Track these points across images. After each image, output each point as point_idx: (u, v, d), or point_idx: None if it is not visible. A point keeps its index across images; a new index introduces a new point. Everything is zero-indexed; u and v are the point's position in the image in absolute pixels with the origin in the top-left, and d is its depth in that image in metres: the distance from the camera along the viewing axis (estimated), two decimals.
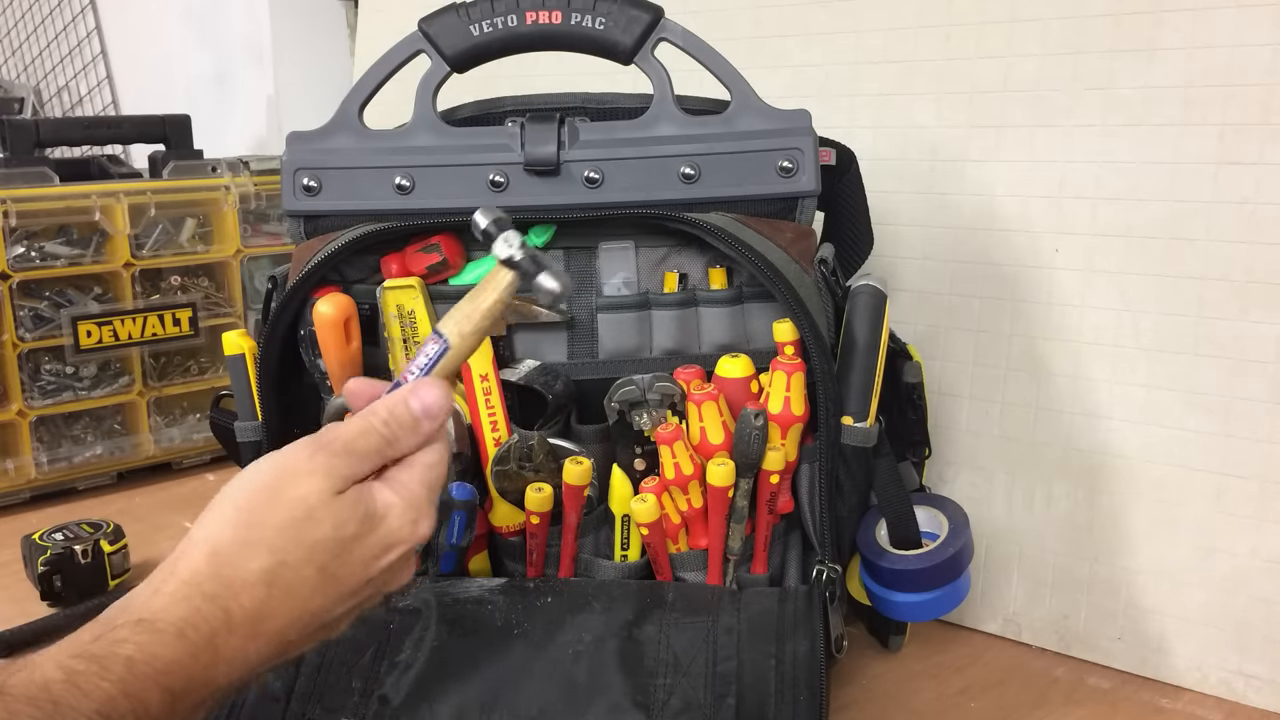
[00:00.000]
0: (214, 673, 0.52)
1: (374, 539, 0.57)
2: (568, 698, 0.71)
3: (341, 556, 0.56)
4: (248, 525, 0.55)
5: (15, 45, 2.48)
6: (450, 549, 0.82)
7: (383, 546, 0.58)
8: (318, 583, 0.55)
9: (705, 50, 0.84)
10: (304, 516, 0.55)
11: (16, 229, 1.25)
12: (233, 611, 0.53)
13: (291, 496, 0.55)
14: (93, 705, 0.48)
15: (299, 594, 0.55)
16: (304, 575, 0.55)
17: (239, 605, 0.53)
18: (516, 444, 0.81)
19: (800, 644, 0.73)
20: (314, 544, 0.55)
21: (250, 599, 0.53)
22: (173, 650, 0.51)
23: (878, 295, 0.83)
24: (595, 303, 0.84)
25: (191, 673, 0.51)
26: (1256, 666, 0.83)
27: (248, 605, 0.53)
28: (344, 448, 0.58)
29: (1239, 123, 0.83)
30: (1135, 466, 0.88)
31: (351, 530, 0.56)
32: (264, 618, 0.54)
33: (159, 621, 0.51)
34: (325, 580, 0.56)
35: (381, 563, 0.58)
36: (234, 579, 0.53)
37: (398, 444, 0.59)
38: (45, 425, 1.30)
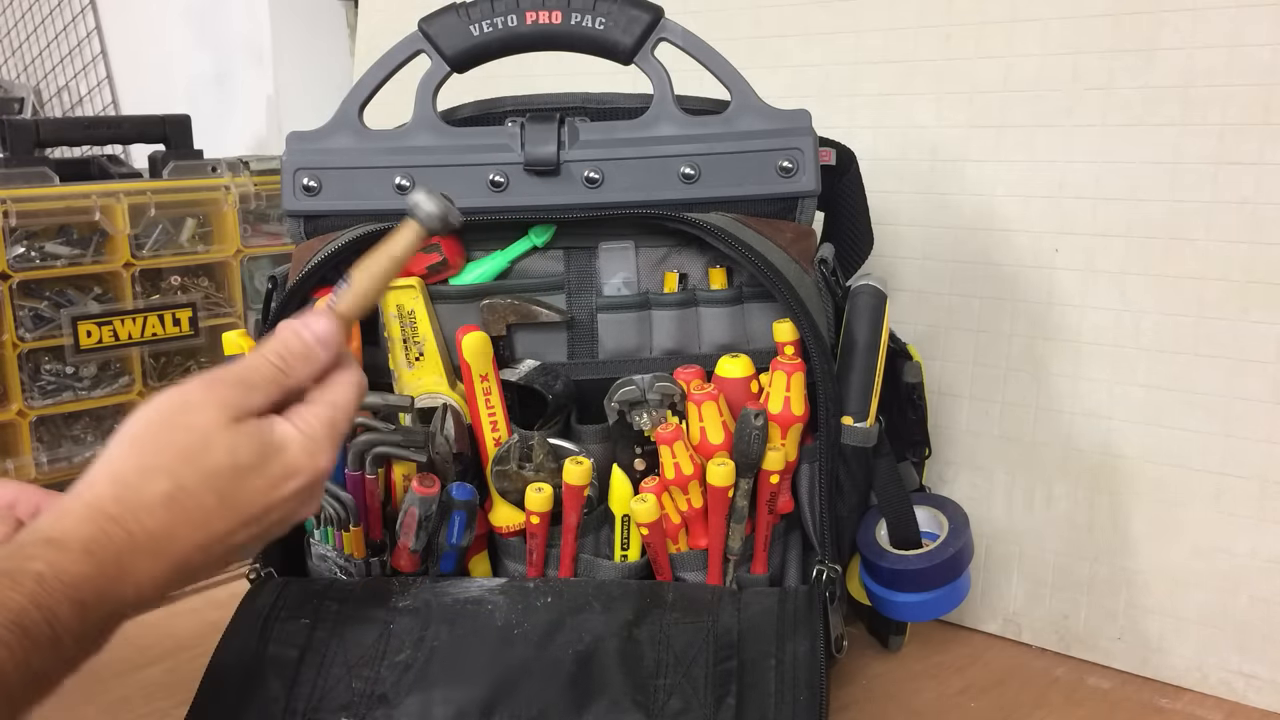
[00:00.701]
0: (121, 589, 0.55)
1: (272, 468, 0.59)
2: (568, 698, 0.71)
3: (239, 484, 0.58)
4: (147, 453, 0.57)
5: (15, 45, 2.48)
6: (450, 549, 0.82)
7: (281, 476, 0.59)
8: (217, 509, 0.57)
9: (705, 50, 0.84)
10: (200, 444, 0.57)
11: (16, 229, 1.25)
12: (135, 533, 0.55)
13: (188, 424, 0.58)
14: (8, 615, 0.50)
15: (198, 518, 0.57)
16: (202, 501, 0.57)
17: (141, 527, 0.55)
18: (516, 444, 0.81)
19: (800, 644, 0.73)
20: (211, 471, 0.57)
21: (152, 521, 0.56)
22: (80, 566, 0.53)
23: (878, 295, 0.83)
24: (595, 303, 0.84)
25: (99, 587, 0.54)
26: (1256, 666, 0.83)
27: (150, 527, 0.55)
28: (237, 379, 0.60)
29: (1239, 123, 0.83)
30: (1135, 466, 0.88)
31: (247, 459, 0.58)
32: (166, 540, 0.56)
33: (67, 540, 0.54)
34: (224, 506, 0.58)
35: (281, 492, 0.59)
36: (136, 502, 0.56)
37: (293, 373, 0.62)
38: (45, 425, 1.30)
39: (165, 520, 0.56)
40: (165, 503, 0.56)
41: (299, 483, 0.60)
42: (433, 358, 0.83)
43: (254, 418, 0.60)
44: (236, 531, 0.58)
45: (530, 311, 0.83)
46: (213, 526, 0.57)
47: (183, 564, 0.57)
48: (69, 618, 0.52)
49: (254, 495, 0.59)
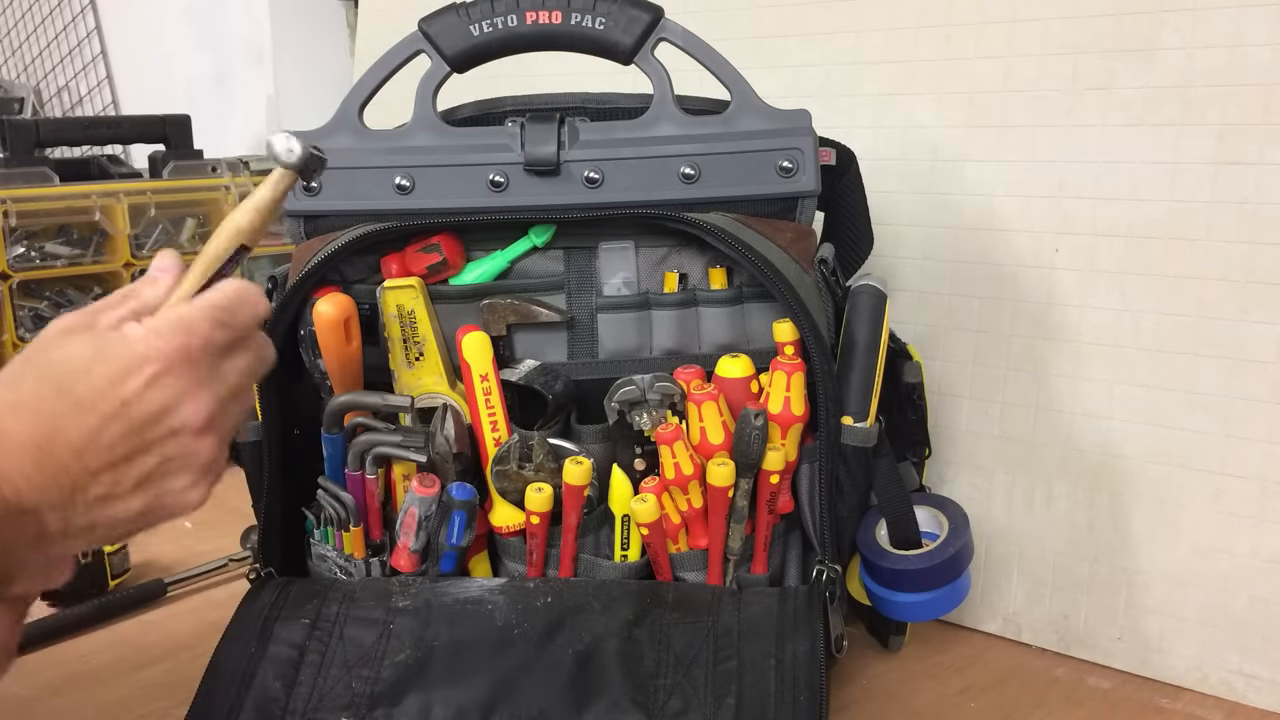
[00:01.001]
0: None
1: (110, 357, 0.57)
2: (568, 698, 0.71)
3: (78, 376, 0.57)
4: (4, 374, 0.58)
5: (15, 45, 2.48)
6: (450, 549, 0.82)
7: (125, 363, 0.57)
8: (65, 404, 0.56)
9: (705, 50, 0.84)
10: (46, 353, 0.58)
11: (16, 229, 1.25)
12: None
13: (39, 341, 0.59)
14: None
15: (50, 415, 0.56)
16: (49, 399, 0.56)
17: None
18: (516, 444, 0.81)
19: (800, 644, 0.73)
20: (52, 372, 0.57)
21: (3, 419, 0.55)
22: None
23: (878, 295, 0.83)
24: (595, 303, 0.84)
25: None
26: (1256, 666, 0.83)
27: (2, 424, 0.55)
28: (87, 307, 0.61)
29: (1239, 123, 0.83)
30: (1135, 466, 0.88)
31: (81, 351, 0.57)
32: (22, 435, 0.55)
33: None
34: (72, 401, 0.56)
35: (132, 382, 0.57)
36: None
37: (138, 294, 0.62)
38: None
39: (10, 418, 0.55)
40: (8, 405, 0.56)
41: (150, 369, 0.57)
42: (433, 358, 0.83)
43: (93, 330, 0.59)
44: (100, 430, 0.56)
45: (530, 311, 0.83)
46: (65, 424, 0.56)
47: (52, 458, 0.56)
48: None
49: (99, 385, 0.56)
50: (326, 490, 0.84)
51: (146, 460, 0.58)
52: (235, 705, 0.72)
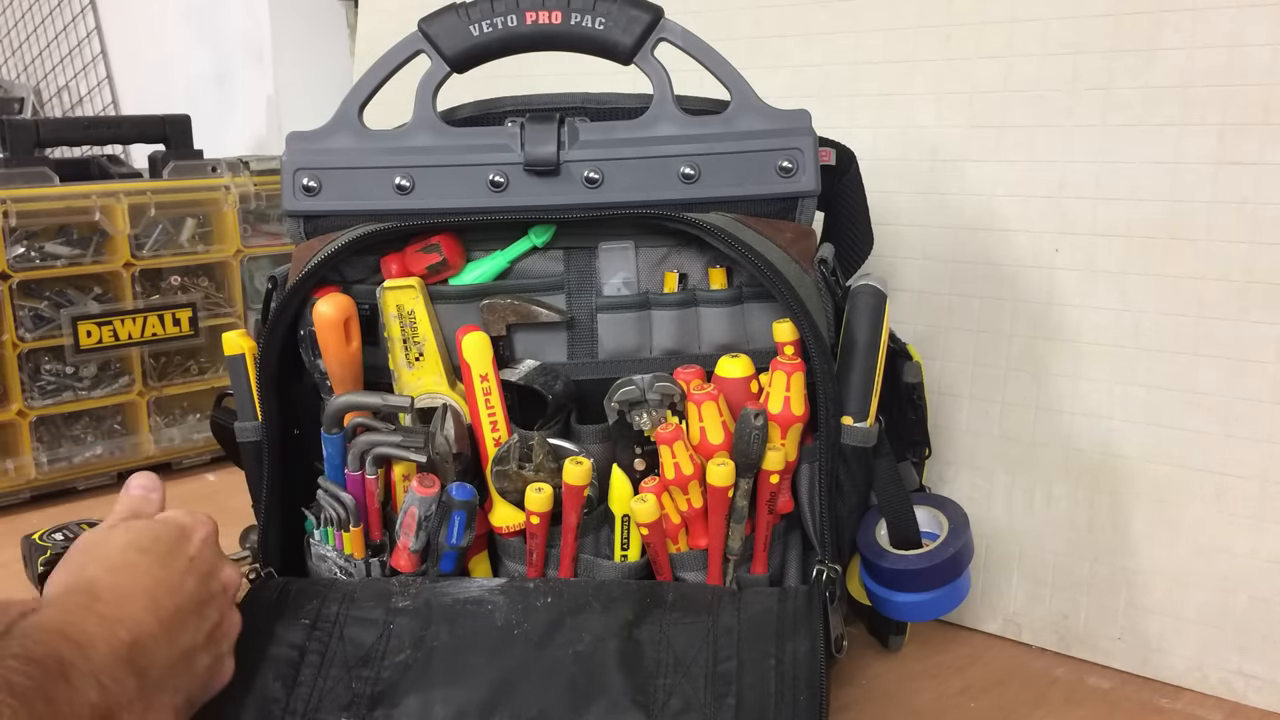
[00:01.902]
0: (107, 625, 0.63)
1: (169, 527, 0.73)
2: (568, 698, 0.71)
3: (151, 542, 0.71)
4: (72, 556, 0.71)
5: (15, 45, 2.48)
6: (450, 549, 0.82)
7: (179, 530, 0.73)
8: (143, 563, 0.69)
9: (705, 50, 0.84)
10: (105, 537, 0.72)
11: (16, 229, 1.25)
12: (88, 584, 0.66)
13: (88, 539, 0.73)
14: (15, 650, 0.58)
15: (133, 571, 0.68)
16: (128, 559, 0.69)
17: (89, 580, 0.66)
18: (516, 444, 0.81)
19: (800, 644, 0.73)
20: (122, 544, 0.70)
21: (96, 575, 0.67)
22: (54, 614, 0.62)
23: (878, 295, 0.83)
24: (595, 303, 0.84)
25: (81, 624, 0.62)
26: (1256, 666, 0.83)
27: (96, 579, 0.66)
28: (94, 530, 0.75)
29: (1239, 123, 0.83)
30: (1135, 466, 0.88)
31: (144, 529, 0.72)
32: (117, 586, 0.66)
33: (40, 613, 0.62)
34: (148, 560, 0.69)
35: (190, 545, 0.73)
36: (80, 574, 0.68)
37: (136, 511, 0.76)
38: (45, 425, 1.30)
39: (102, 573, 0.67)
40: (95, 569, 0.68)
41: (200, 533, 0.74)
42: (432, 358, 0.83)
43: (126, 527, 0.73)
44: (185, 580, 0.70)
45: (530, 311, 0.83)
46: (144, 578, 0.68)
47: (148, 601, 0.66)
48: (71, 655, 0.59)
49: (169, 547, 0.71)
50: (326, 490, 0.84)
51: (211, 612, 0.71)
52: (235, 705, 0.72)
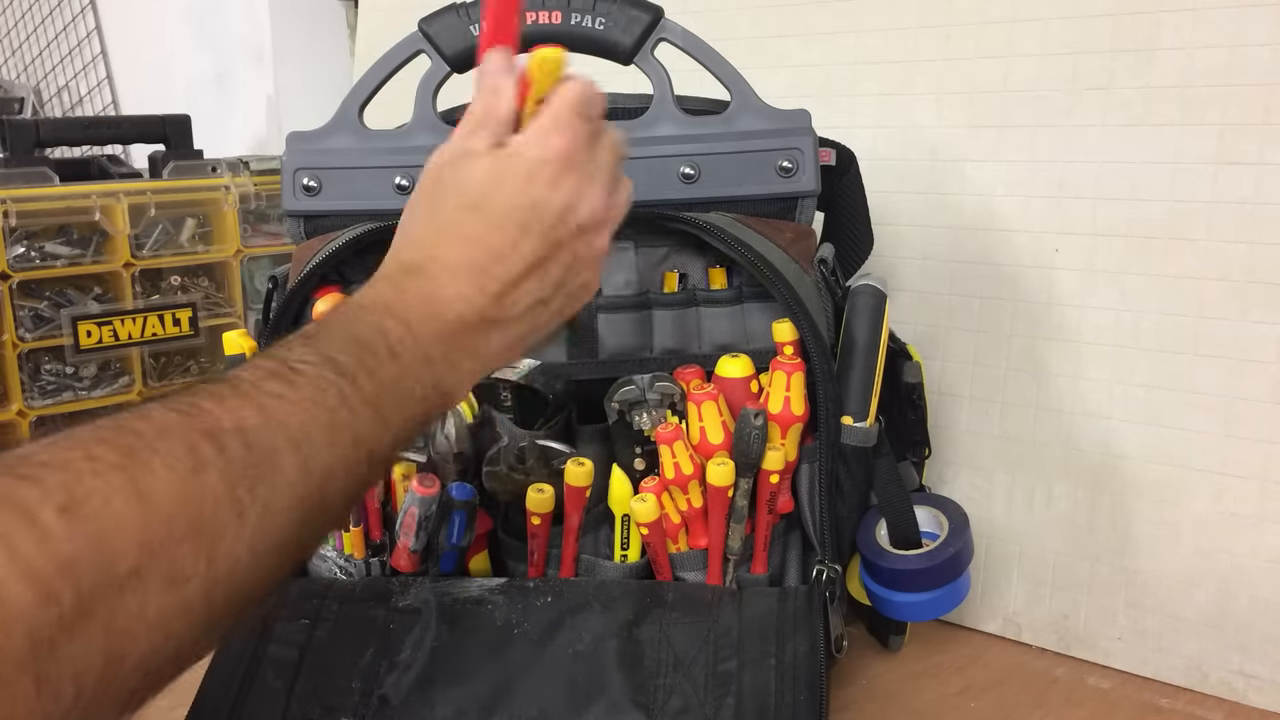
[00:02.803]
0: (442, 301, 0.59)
1: (518, 167, 0.61)
2: (568, 698, 0.71)
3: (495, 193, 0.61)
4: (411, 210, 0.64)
5: (15, 45, 2.48)
6: (450, 549, 0.82)
7: (528, 170, 0.60)
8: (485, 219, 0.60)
9: (705, 50, 0.84)
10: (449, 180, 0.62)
11: (16, 229, 1.25)
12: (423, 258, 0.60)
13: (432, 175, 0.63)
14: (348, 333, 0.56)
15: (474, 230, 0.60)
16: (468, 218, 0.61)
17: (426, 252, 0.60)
18: (508, 446, 0.81)
19: (800, 644, 0.73)
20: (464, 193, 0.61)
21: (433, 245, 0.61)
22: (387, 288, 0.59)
23: (878, 295, 0.83)
24: (595, 303, 0.84)
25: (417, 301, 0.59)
26: (1256, 666, 0.83)
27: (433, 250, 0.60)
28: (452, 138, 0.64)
29: (1239, 123, 0.83)
30: (1135, 466, 0.88)
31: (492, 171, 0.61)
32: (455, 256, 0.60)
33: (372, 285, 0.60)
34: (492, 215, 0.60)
35: (537, 185, 0.60)
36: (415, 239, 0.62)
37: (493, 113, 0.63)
38: (45, 425, 1.30)
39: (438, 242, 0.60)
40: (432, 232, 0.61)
41: (549, 172, 0.60)
42: None
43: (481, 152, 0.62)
44: (520, 240, 0.60)
45: None
46: (490, 237, 0.60)
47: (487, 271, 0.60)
48: (401, 333, 0.56)
49: (511, 198, 0.60)
50: None
51: (560, 260, 0.62)
52: (235, 705, 0.72)
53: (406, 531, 0.81)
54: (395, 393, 0.55)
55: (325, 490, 0.51)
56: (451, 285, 0.59)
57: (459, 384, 0.59)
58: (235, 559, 0.46)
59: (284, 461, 0.49)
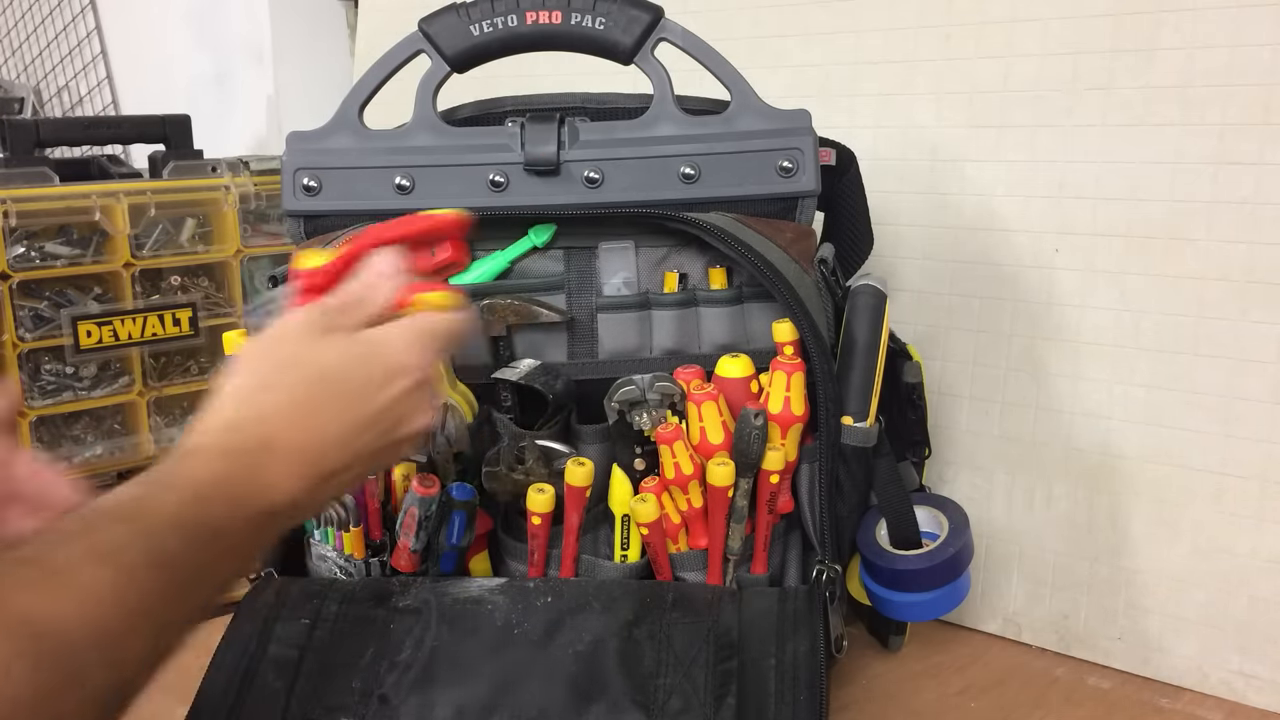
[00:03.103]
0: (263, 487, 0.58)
1: (373, 367, 0.62)
2: (568, 698, 0.71)
3: (344, 383, 0.61)
4: (260, 374, 0.62)
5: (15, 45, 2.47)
6: (450, 549, 0.82)
7: (384, 373, 0.62)
8: (333, 409, 0.61)
9: (705, 50, 0.84)
10: (307, 354, 0.62)
11: (16, 229, 1.25)
12: (264, 437, 0.59)
13: (291, 342, 0.62)
14: (165, 519, 0.53)
15: (319, 420, 0.60)
16: (318, 403, 0.61)
17: (267, 431, 0.59)
18: (507, 447, 0.81)
19: (800, 644, 0.73)
20: (315, 376, 0.61)
21: (277, 425, 0.59)
22: (219, 465, 0.57)
23: (878, 295, 0.83)
24: (595, 303, 0.84)
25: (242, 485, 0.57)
26: (1256, 666, 0.83)
27: (275, 431, 0.59)
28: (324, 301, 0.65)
29: (1239, 123, 0.83)
30: (1135, 466, 0.88)
31: (352, 358, 0.62)
32: (289, 441, 0.59)
33: (202, 450, 0.58)
34: (338, 406, 0.61)
35: (390, 390, 0.62)
36: (259, 414, 0.60)
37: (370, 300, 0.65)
38: (45, 425, 1.30)
39: (288, 424, 0.60)
40: (285, 410, 0.60)
41: (406, 381, 0.62)
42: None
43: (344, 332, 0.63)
44: (360, 433, 0.61)
45: (530, 311, 0.83)
46: (330, 428, 0.60)
47: (317, 464, 0.60)
48: (222, 514, 0.55)
49: (363, 392, 0.61)
50: None
51: (384, 454, 0.64)
52: (235, 705, 0.72)
53: (406, 531, 0.81)
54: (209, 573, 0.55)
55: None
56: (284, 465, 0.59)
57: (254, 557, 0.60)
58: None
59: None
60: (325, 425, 0.60)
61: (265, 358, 0.62)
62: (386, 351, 0.63)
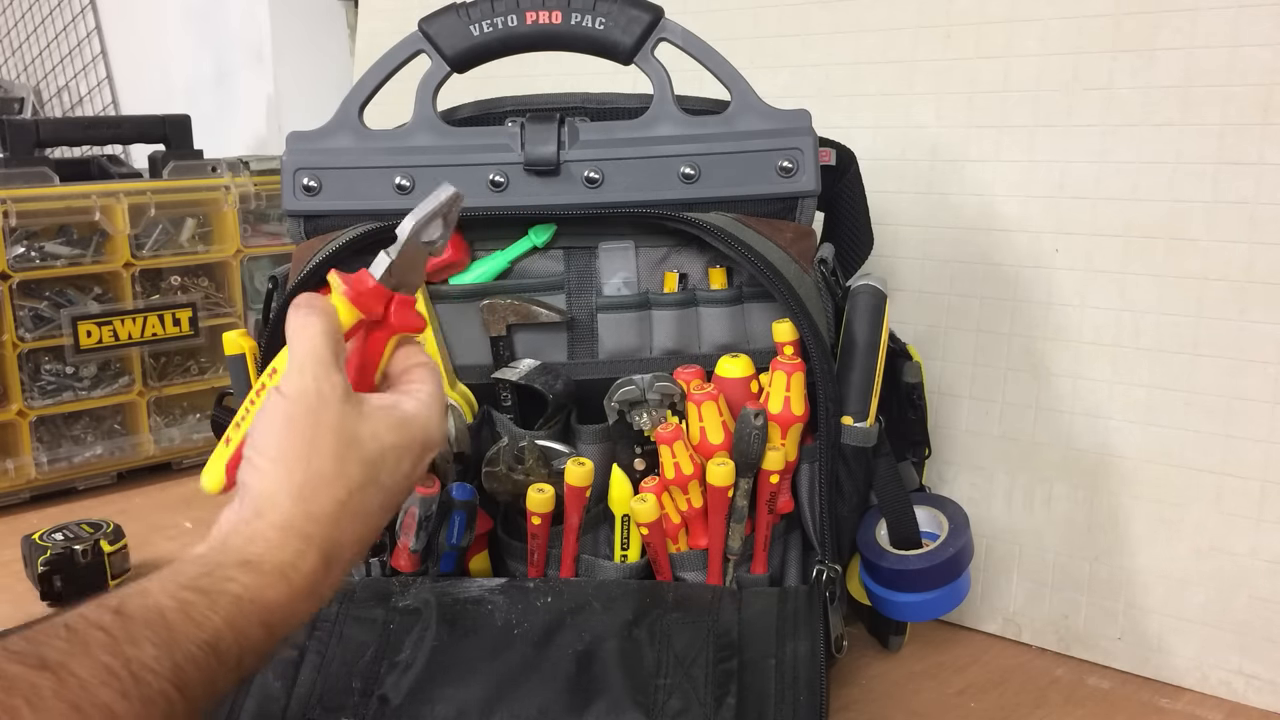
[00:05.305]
0: (310, 607, 0.55)
1: (410, 444, 0.60)
2: (568, 698, 0.71)
3: (388, 466, 0.58)
4: (312, 460, 0.56)
5: (15, 45, 2.47)
6: (450, 549, 0.82)
7: (420, 448, 0.60)
8: (378, 499, 0.58)
9: (705, 50, 0.84)
10: (352, 438, 0.57)
11: (16, 229, 1.25)
12: (328, 551, 0.56)
13: (328, 421, 0.57)
14: (203, 635, 0.50)
15: (365, 514, 0.58)
16: (369, 495, 0.58)
17: (330, 541, 0.56)
18: (506, 447, 0.81)
19: (800, 644, 0.73)
20: (369, 462, 0.58)
21: (338, 532, 0.56)
22: (276, 592, 0.53)
23: (878, 295, 0.83)
24: (595, 303, 0.84)
25: (291, 610, 0.54)
26: (1256, 666, 0.83)
27: (338, 538, 0.56)
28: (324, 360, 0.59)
29: (1239, 123, 0.83)
30: (1135, 466, 0.88)
31: (390, 439, 0.59)
32: (343, 546, 0.57)
33: (264, 564, 0.54)
34: (383, 495, 0.59)
35: (421, 466, 0.61)
36: (321, 516, 0.56)
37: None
38: (45, 425, 1.30)
39: (346, 526, 0.56)
40: (341, 508, 0.56)
41: (432, 454, 0.62)
42: (433, 357, 0.83)
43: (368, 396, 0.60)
44: (386, 516, 0.60)
45: (530, 311, 0.83)
46: (375, 519, 0.59)
47: (347, 565, 0.58)
48: (258, 639, 0.53)
49: (401, 474, 0.59)
50: None
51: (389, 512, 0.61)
52: (235, 705, 0.72)
53: (406, 531, 0.81)
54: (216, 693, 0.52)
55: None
56: (336, 576, 0.56)
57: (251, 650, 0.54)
58: None
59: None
60: (369, 519, 0.58)
61: (313, 438, 0.57)
62: (418, 423, 0.60)
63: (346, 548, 0.57)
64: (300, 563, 0.55)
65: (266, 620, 0.53)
